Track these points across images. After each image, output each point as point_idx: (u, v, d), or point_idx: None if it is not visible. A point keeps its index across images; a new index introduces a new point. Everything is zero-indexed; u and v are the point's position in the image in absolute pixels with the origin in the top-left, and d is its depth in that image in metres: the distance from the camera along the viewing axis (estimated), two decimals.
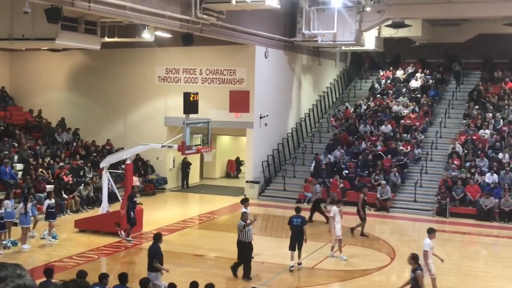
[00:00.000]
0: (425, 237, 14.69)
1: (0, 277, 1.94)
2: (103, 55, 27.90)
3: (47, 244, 18.68)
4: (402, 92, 33.09)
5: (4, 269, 1.97)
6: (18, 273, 1.98)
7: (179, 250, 18.58)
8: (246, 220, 15.63)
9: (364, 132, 29.81)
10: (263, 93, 27.85)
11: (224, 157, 33.71)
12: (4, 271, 1.96)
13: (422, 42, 34.51)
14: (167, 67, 28.66)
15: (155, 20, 20.91)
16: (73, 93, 30.60)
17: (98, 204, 22.63)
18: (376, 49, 33.97)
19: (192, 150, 20.03)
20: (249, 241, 15.59)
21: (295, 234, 16.61)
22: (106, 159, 21.77)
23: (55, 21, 17.40)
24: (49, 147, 27.09)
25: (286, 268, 16.88)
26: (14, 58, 30.97)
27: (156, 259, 13.42)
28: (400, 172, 26.53)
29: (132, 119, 29.52)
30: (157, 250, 13.65)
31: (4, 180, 22.55)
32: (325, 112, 33.89)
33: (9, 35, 19.37)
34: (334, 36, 28.56)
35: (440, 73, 34.42)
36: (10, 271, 1.97)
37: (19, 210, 18.33)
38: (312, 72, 33.50)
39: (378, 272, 16.80)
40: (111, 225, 19.60)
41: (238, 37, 25.58)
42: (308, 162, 28.78)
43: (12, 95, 30.73)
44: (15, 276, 1.96)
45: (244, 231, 15.52)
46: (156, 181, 28.30)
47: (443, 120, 30.32)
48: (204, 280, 13.60)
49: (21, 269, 2.00)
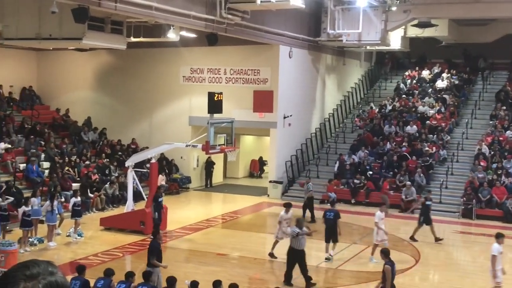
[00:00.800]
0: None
1: (32, 274, 1.97)
2: (128, 55, 28.13)
3: (72, 242, 18.89)
4: (428, 93, 32.80)
5: (36, 266, 2.00)
6: (50, 270, 2.00)
7: (203, 249, 18.66)
8: (302, 227, 15.08)
9: (389, 132, 29.61)
10: (287, 93, 27.82)
11: (248, 157, 33.75)
12: (36, 268, 1.99)
13: (448, 42, 34.16)
14: (192, 67, 28.79)
15: (181, 20, 21.02)
16: (99, 93, 30.90)
17: (123, 202, 22.84)
18: (401, 49, 33.70)
19: (216, 149, 20.10)
20: (301, 248, 15.06)
21: (327, 227, 17.39)
22: (131, 158, 21.95)
23: (82, 21, 17.59)
24: (76, 145, 27.39)
25: (309, 268, 16.82)
26: (41, 58, 31.37)
27: (154, 255, 13.54)
28: (425, 173, 26.29)
29: (157, 119, 29.70)
30: (155, 246, 13.80)
31: (31, 178, 22.86)
32: (350, 112, 33.73)
33: (37, 35, 19.62)
34: (359, 35, 28.40)
35: (467, 73, 34.04)
36: (42, 268, 2.00)
37: (46, 208, 18.56)
38: (336, 72, 33.37)
39: (402, 274, 16.65)
40: (136, 224, 19.76)
41: (262, 37, 25.59)
42: (331, 163, 28.68)
43: (39, 94, 31.15)
44: (47, 273, 1.99)
45: (297, 238, 14.96)
46: (180, 180, 28.45)
47: (470, 121, 29.99)
48: (227, 279, 13.64)
49: (52, 267, 2.03)
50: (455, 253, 20.49)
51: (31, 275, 1.97)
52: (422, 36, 32.08)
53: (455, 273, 17.07)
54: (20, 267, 2.00)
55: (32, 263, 2.01)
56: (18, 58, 30.21)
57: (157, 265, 13.55)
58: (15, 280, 1.95)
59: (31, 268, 1.98)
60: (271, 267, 17.52)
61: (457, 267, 18.11)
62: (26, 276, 1.96)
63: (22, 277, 1.96)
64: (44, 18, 19.09)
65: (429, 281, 17.04)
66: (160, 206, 19.66)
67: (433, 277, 17.42)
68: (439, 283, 16.62)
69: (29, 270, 1.98)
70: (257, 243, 20.39)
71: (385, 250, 13.10)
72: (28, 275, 1.97)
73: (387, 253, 12.86)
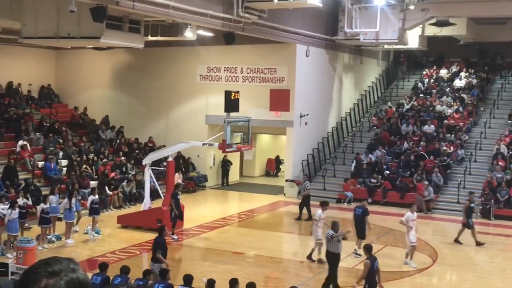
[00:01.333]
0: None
1: (54, 271, 1.99)
2: (146, 54, 28.25)
3: (90, 239, 19.02)
4: (446, 92, 32.57)
5: (58, 263, 2.01)
6: (72, 267, 2.02)
7: (219, 248, 18.70)
8: (337, 230, 14.86)
9: (406, 132, 29.45)
10: (304, 91, 27.77)
11: (264, 155, 33.75)
12: (58, 265, 2.01)
13: (466, 41, 33.88)
14: (209, 66, 28.84)
15: (198, 19, 21.07)
16: (116, 91, 31.08)
17: (140, 200, 22.96)
18: (419, 48, 33.49)
19: (232, 148, 20.12)
20: (338, 252, 14.84)
21: (356, 223, 17.59)
22: (148, 156, 22.05)
23: (100, 20, 17.69)
24: (93, 144, 27.57)
25: (326, 267, 16.79)
26: (59, 56, 31.62)
27: (160, 250, 13.65)
28: (443, 173, 26.11)
29: (173, 117, 29.81)
30: (161, 242, 13.96)
31: (49, 175, 23.05)
32: (367, 112, 33.60)
33: (55, 34, 19.75)
34: (376, 34, 28.26)
35: (485, 72, 33.76)
36: (64, 265, 2.01)
37: (64, 206, 18.72)
38: (353, 71, 33.25)
39: (419, 274, 16.59)
40: (153, 221, 19.83)
41: (279, 36, 25.57)
42: (348, 162, 28.59)
43: (58, 93, 31.40)
44: (69, 270, 2.01)
45: (332, 241, 14.73)
46: (196, 178, 28.53)
47: (488, 120, 29.73)
48: (244, 278, 13.66)
49: (74, 264, 2.05)
50: (473, 253, 20.32)
51: (53, 272, 1.98)
52: (440, 34, 31.86)
53: (472, 274, 16.95)
54: (41, 264, 2.02)
55: (54, 260, 2.03)
56: (37, 56, 30.48)
57: (162, 261, 13.66)
58: (37, 277, 1.97)
59: (53, 265, 2.00)
60: (287, 266, 17.51)
61: (475, 268, 17.97)
62: (48, 273, 1.98)
63: (44, 274, 1.98)
64: (62, 17, 19.20)
65: (447, 281, 16.93)
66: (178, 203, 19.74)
67: (451, 278, 17.30)
68: (457, 284, 16.50)
69: (51, 267, 1.99)
70: (273, 242, 20.38)
71: (368, 245, 13.15)
72: (50, 272, 1.98)
73: (370, 249, 12.95)
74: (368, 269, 12.46)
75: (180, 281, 12.23)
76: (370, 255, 12.75)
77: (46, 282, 1.97)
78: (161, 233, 14.27)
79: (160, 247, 13.84)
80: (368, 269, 12.44)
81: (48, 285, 1.96)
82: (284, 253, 19.63)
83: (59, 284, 1.96)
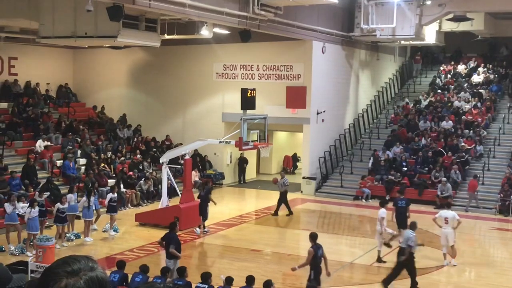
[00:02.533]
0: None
1: (73, 270, 2.00)
2: (162, 52, 28.34)
3: (109, 237, 19.15)
4: (463, 87, 32.31)
5: (77, 262, 2.03)
6: (90, 266, 2.03)
7: (236, 245, 18.74)
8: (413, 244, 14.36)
9: (424, 128, 29.25)
10: (320, 88, 27.70)
11: (281, 153, 33.72)
12: (77, 264, 2.02)
13: (484, 36, 33.56)
14: (225, 64, 28.87)
15: (214, 17, 21.10)
16: (133, 90, 31.22)
17: (158, 198, 23.06)
18: (436, 43, 33.24)
19: (249, 145, 20.14)
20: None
21: (398, 215, 17.66)
22: (166, 154, 22.14)
23: (116, 19, 17.77)
24: (111, 142, 27.74)
25: (344, 265, 16.78)
26: (77, 56, 31.84)
27: (173, 245, 13.77)
28: (461, 169, 25.91)
29: (190, 115, 29.89)
30: (174, 237, 14.07)
31: (67, 174, 23.24)
32: (384, 108, 33.43)
33: (72, 33, 19.89)
34: (393, 30, 28.10)
35: (504, 67, 33.43)
36: (83, 263, 2.03)
37: (82, 204, 18.86)
38: (370, 67, 33.09)
39: (437, 271, 16.49)
40: (171, 219, 19.83)
41: (295, 33, 25.52)
42: (365, 159, 28.48)
43: (75, 92, 31.62)
44: (88, 269, 2.02)
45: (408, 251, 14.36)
46: (213, 176, 28.59)
47: (507, 116, 29.43)
48: (261, 275, 13.70)
49: (92, 262, 2.06)
50: (492, 250, 20.17)
51: (72, 271, 2.00)
52: (457, 30, 31.59)
53: (491, 270, 16.82)
54: (61, 264, 2.03)
55: (73, 259, 2.04)
56: (55, 56, 30.72)
57: (176, 255, 13.74)
58: (57, 277, 1.99)
59: (72, 264, 2.01)
60: None
61: (494, 264, 17.83)
62: (67, 273, 1.99)
63: (64, 274, 1.99)
64: (79, 17, 19.34)
65: (465, 278, 16.82)
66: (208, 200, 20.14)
67: (470, 274, 17.18)
68: (475, 280, 16.39)
69: (70, 266, 2.01)
70: (290, 240, 20.38)
71: (313, 234, 13.30)
72: (70, 271, 2.00)
73: (315, 237, 13.10)
74: (311, 257, 12.76)
75: (198, 278, 12.28)
76: (314, 243, 12.98)
77: (66, 282, 1.98)
78: (172, 229, 14.33)
79: (173, 242, 13.91)
80: (312, 257, 12.74)
81: (68, 284, 1.98)
82: (302, 250, 19.56)
83: (78, 283, 1.98)
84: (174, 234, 14.24)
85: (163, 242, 14.22)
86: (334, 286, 14.29)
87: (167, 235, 14.30)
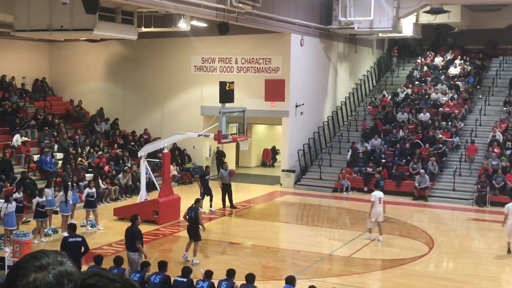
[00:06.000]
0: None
1: (42, 265, 1.96)
2: (139, 45, 28.12)
3: (87, 232, 18.98)
4: (440, 80, 32.57)
5: (46, 256, 1.99)
6: (59, 260, 2.00)
7: (216, 238, 18.74)
8: None
9: (402, 120, 29.45)
10: (299, 81, 27.72)
11: (260, 146, 33.73)
12: (45, 258, 1.98)
13: (461, 28, 33.84)
14: (203, 57, 28.75)
15: (191, 10, 20.98)
16: (111, 83, 30.97)
17: (137, 192, 22.92)
18: (414, 36, 33.44)
19: (228, 139, 20.12)
20: None
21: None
22: (144, 148, 22.00)
23: (92, 12, 17.58)
24: (88, 136, 27.50)
25: (323, 257, 16.86)
26: (53, 49, 31.47)
27: (139, 240, 13.71)
28: (439, 160, 26.14)
29: (168, 109, 29.74)
30: (138, 231, 13.97)
31: (44, 169, 23.00)
32: (362, 100, 33.57)
33: (48, 26, 19.65)
34: (370, 23, 28.20)
35: (480, 59, 33.75)
36: (52, 258, 1.99)
37: (60, 198, 18.69)
38: (348, 60, 33.19)
39: (415, 262, 16.64)
40: (150, 213, 19.83)
41: (273, 26, 25.49)
42: (344, 151, 28.59)
43: (52, 86, 31.27)
44: (57, 263, 1.98)
45: None
46: (193, 170, 28.48)
47: (483, 108, 29.74)
48: (241, 268, 13.70)
49: (62, 256, 2.02)
50: (469, 240, 20.41)
51: (41, 266, 1.96)
52: (434, 22, 31.80)
53: (469, 260, 17.01)
54: (29, 258, 1.99)
55: (41, 254, 2.00)
56: (30, 49, 30.33)
57: (141, 251, 13.65)
58: (26, 272, 1.95)
59: (41, 259, 1.98)
60: (284, 256, 17.55)
61: (471, 254, 18.03)
62: (36, 267, 1.96)
63: (32, 268, 1.96)
64: (55, 10, 19.12)
65: (443, 269, 17.00)
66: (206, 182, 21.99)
67: (447, 265, 17.37)
68: (453, 270, 16.56)
69: (39, 261, 1.97)
70: (270, 232, 20.41)
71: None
72: (38, 266, 1.96)
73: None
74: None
75: (177, 272, 12.24)
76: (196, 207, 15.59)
77: (35, 276, 1.94)
78: (133, 222, 14.20)
79: (138, 237, 13.81)
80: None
81: (36, 279, 1.94)
82: (281, 243, 19.66)
83: (47, 278, 1.94)
84: (136, 228, 14.07)
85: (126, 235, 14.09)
86: (313, 278, 14.34)
87: (130, 229, 14.14)
